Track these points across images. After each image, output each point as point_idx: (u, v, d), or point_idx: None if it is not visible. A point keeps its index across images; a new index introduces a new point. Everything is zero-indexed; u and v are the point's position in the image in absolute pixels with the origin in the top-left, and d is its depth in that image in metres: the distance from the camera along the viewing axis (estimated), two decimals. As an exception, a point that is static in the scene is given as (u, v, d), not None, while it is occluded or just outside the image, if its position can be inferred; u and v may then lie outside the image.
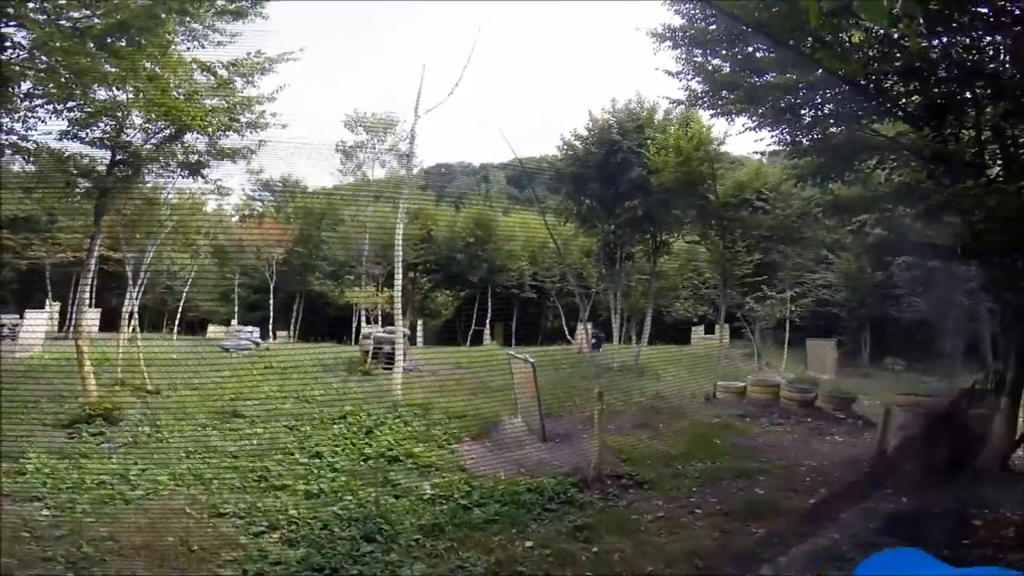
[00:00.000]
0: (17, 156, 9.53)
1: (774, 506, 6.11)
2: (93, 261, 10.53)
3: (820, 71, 7.76)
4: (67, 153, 9.51)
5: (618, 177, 15.02)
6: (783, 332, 17.12)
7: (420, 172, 12.73)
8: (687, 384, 13.96)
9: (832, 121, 9.39)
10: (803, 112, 9.26)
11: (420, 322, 19.50)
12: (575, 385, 12.35)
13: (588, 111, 16.17)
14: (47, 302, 17.64)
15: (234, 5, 9.06)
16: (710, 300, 20.36)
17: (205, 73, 10.00)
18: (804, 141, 10.00)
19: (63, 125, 9.05)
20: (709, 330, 20.55)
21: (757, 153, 12.03)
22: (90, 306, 18.95)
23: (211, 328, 20.17)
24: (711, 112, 10.98)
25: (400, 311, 11.22)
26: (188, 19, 8.51)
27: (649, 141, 14.49)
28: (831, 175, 10.72)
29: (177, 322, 18.22)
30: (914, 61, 7.11)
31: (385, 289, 16.97)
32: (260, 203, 24.68)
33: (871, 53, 7.44)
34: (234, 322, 18.49)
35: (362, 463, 7.61)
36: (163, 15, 7.71)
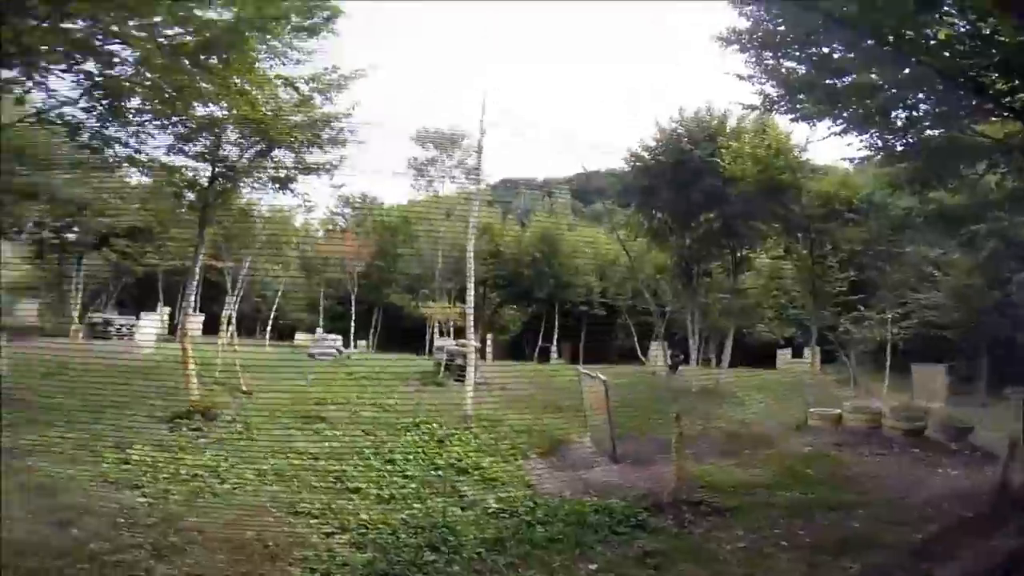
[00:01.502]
0: (133, 169, 10.30)
1: (873, 540, 5.52)
2: (198, 269, 11.28)
3: (909, 70, 7.10)
4: (175, 166, 10.30)
5: (691, 189, 14.44)
6: (883, 356, 15.53)
7: (487, 187, 12.91)
8: (774, 410, 13.05)
9: (928, 123, 8.56)
10: (895, 114, 8.45)
11: (489, 337, 19.76)
12: (649, 407, 11.92)
13: (655, 121, 15.71)
14: (159, 306, 19.49)
15: (308, 22, 9.21)
16: (798, 321, 19.01)
17: (289, 89, 10.47)
18: (898, 146, 9.19)
19: (169, 140, 9.87)
20: (797, 353, 19.21)
21: (845, 159, 11.09)
22: (194, 311, 20.97)
23: (298, 335, 21.56)
24: (790, 117, 10.22)
25: (472, 325, 11.35)
26: (268, 36, 8.73)
27: (723, 150, 13.79)
28: (931, 182, 9.82)
29: (269, 328, 19.51)
30: (1013, 55, 6.33)
31: (457, 303, 17.37)
32: (342, 218, 26.34)
33: (962, 48, 6.72)
34: (319, 330, 19.58)
35: (432, 472, 7.74)
36: (246, 32, 7.95)
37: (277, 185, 11.53)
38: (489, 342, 19.22)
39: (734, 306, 15.98)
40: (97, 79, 7.87)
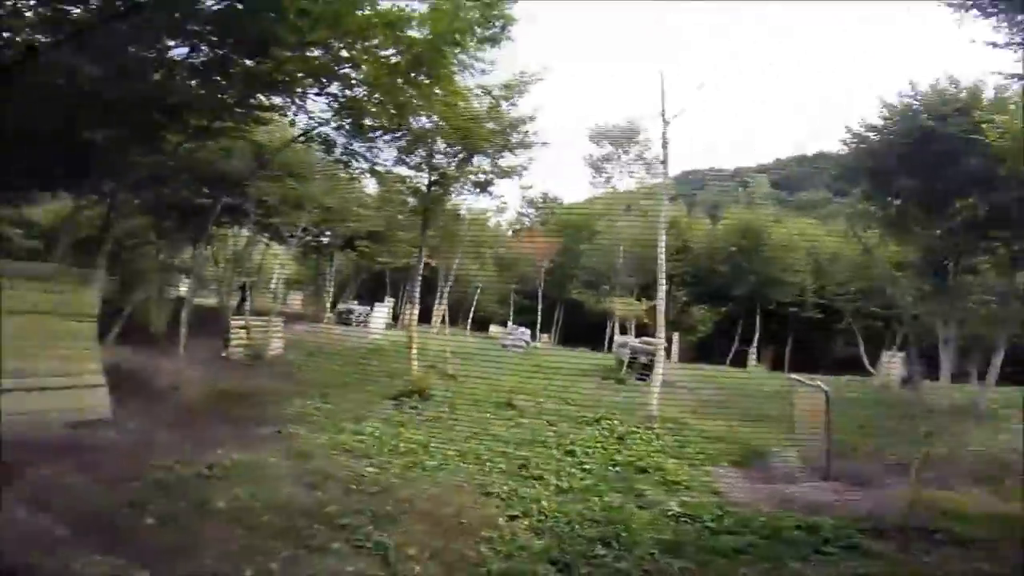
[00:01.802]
0: (369, 179, 12.14)
1: None
2: (420, 266, 12.70)
3: None
4: (403, 175, 11.91)
5: (942, 170, 11.84)
6: None
7: (667, 184, 12.26)
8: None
9: None
10: None
11: (675, 336, 18.85)
12: (876, 423, 10.17)
13: (879, 98, 13.30)
14: (385, 298, 22.84)
15: (489, 32, 9.52)
16: None
17: (482, 98, 11.24)
18: None
19: (394, 152, 11.39)
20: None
21: None
22: (413, 302, 24.29)
23: (492, 327, 23.43)
24: None
25: (661, 323, 10.94)
26: (458, 50, 9.26)
27: (984, 125, 10.88)
28: None
29: (470, 320, 21.52)
30: None
31: (642, 299, 16.98)
32: (527, 218, 27.79)
33: None
34: (509, 323, 20.98)
35: (610, 468, 7.66)
36: (444, 47, 8.58)
37: (478, 189, 12.77)
38: (675, 342, 18.37)
39: (1007, 312, 12.47)
40: (341, 100, 9.28)
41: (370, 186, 20.29)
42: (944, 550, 5.25)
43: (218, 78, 8.38)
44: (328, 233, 20.39)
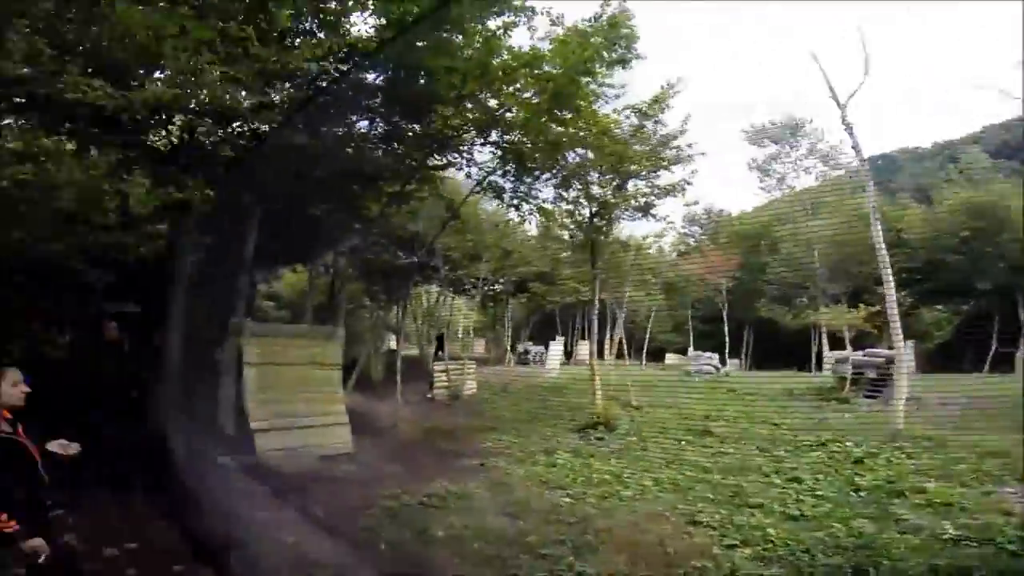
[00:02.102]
0: (534, 221, 12.43)
1: None
2: (596, 299, 12.47)
3: None
4: (570, 211, 11.92)
5: None
6: None
7: (863, 169, 10.47)
8: None
9: None
10: None
11: (910, 344, 15.64)
12: None
13: None
14: (557, 337, 23.29)
15: (616, 55, 9.36)
16: None
17: (628, 119, 10.97)
18: None
19: (551, 191, 11.58)
20: None
21: None
22: (582, 339, 24.47)
23: (668, 356, 22.24)
24: None
25: (896, 329, 9.19)
26: (589, 80, 9.22)
27: None
28: None
29: (644, 351, 20.75)
30: None
31: (860, 307, 14.54)
32: (691, 238, 26.00)
33: None
34: (690, 349, 19.70)
35: (852, 493, 6.60)
36: (577, 77, 8.62)
37: (639, 213, 12.28)
38: (910, 350, 15.20)
39: None
40: (503, 146, 9.82)
41: (532, 229, 21.37)
42: None
43: (395, 145, 9.43)
44: (502, 280, 21.71)
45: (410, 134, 9.35)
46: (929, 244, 17.28)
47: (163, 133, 6.90)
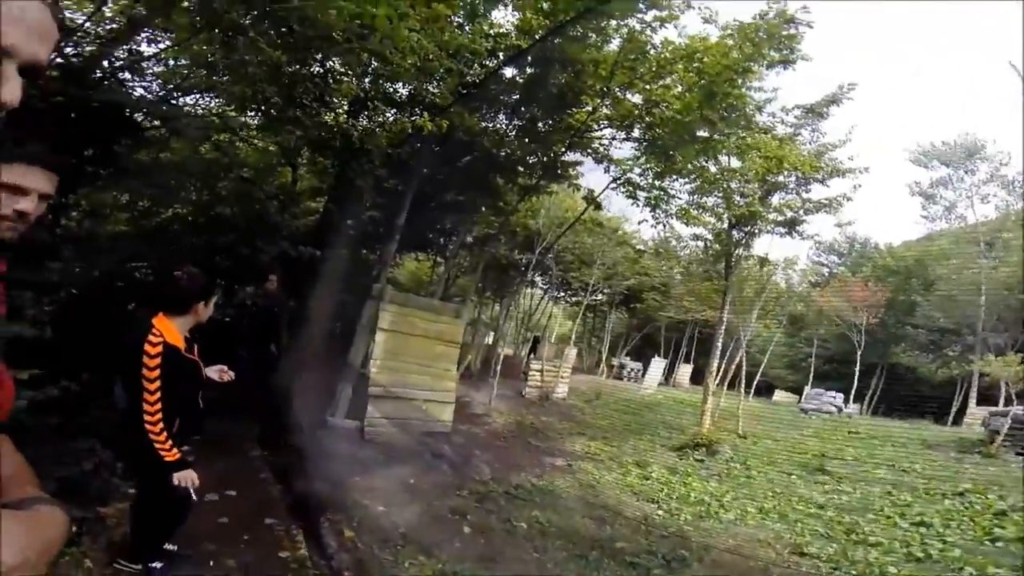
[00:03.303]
0: (672, 220, 11.23)
1: None
2: (725, 316, 11.41)
3: None
4: (708, 220, 11.06)
5: None
6: None
7: None
8: None
9: None
10: None
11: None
12: None
13: None
14: (657, 355, 22.56)
15: (780, 54, 8.56)
16: None
17: (801, 118, 10.15)
18: None
19: (686, 196, 10.74)
20: None
21: None
22: (685, 362, 23.37)
23: (777, 393, 20.52)
24: None
25: None
26: (749, 77, 8.40)
27: None
28: None
29: (755, 384, 19.36)
30: None
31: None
32: (827, 267, 23.10)
33: None
34: (807, 388, 18.07)
35: (987, 543, 5.83)
36: (735, 76, 7.86)
37: (784, 229, 11.09)
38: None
39: None
40: (644, 142, 9.29)
41: (649, 238, 20.58)
42: None
43: (529, 139, 9.28)
44: (607, 290, 21.34)
45: (548, 128, 9.16)
46: None
47: (331, 116, 7.21)
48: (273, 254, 6.89)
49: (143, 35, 5.03)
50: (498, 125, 9.30)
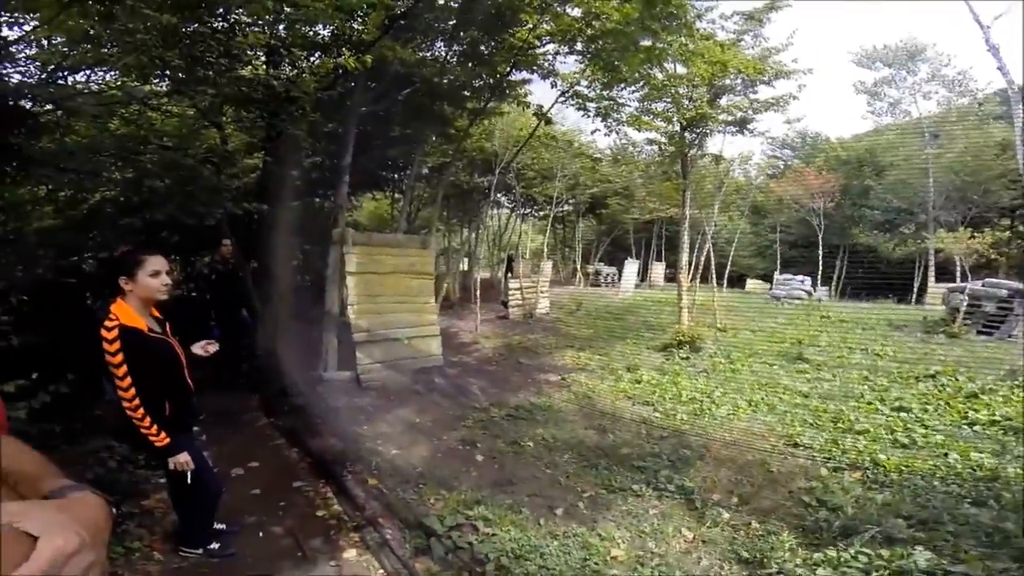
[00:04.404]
0: (623, 128, 11.46)
1: None
2: (687, 213, 11.89)
3: None
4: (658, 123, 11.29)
5: None
6: None
7: (990, 96, 9.05)
8: None
9: None
10: None
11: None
12: None
13: None
14: (629, 257, 23.00)
15: None
16: None
17: (742, 24, 10.35)
18: None
19: (636, 104, 10.89)
20: None
21: None
22: (657, 260, 23.88)
23: (749, 282, 21.40)
24: None
25: None
26: None
27: None
28: None
29: (726, 275, 20.11)
30: None
31: (985, 232, 13.21)
32: (782, 160, 24.46)
33: None
34: (776, 274, 18.86)
35: (964, 426, 6.27)
36: None
37: (735, 128, 11.53)
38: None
39: None
40: (588, 55, 9.23)
41: (605, 146, 20.67)
42: None
43: (473, 63, 9.07)
44: (572, 201, 21.29)
45: (489, 49, 8.97)
46: None
47: (248, 69, 6.76)
48: (218, 217, 6.46)
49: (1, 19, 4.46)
50: (437, 52, 9.07)
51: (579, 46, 9.14)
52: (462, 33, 8.61)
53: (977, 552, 3.46)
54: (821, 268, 18.72)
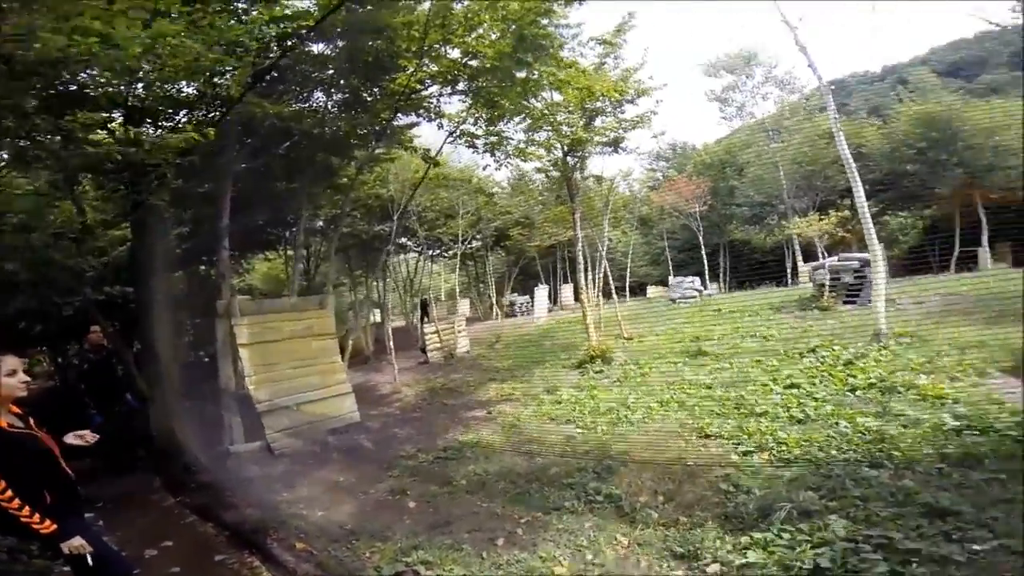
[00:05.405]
0: (511, 160, 11.77)
1: None
2: (579, 234, 12.41)
3: None
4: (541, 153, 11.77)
5: None
6: None
7: (825, 87, 10.56)
8: None
9: None
10: None
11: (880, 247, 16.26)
12: None
13: None
14: (539, 284, 23.60)
15: None
16: None
17: (601, 49, 11.07)
18: None
19: (522, 135, 11.24)
20: None
21: None
22: (565, 283, 24.74)
23: (650, 289, 22.79)
24: None
25: (870, 229, 9.41)
26: (548, 18, 8.70)
27: None
28: None
29: (627, 288, 21.27)
30: None
31: (831, 214, 15.10)
32: (659, 172, 26.74)
33: None
34: (671, 278, 20.27)
35: (848, 393, 6.94)
36: (538, 17, 8.20)
37: (610, 148, 12.24)
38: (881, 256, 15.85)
39: None
40: (473, 92, 9.47)
41: (503, 178, 21.28)
42: None
43: (357, 110, 9.12)
44: (479, 236, 21.64)
45: (372, 96, 9.04)
46: (888, 156, 17.99)
47: (103, 134, 6.31)
48: (76, 306, 5.89)
49: None
50: (316, 104, 9.03)
51: (461, 85, 9.44)
52: (342, 81, 8.66)
53: (888, 512, 3.81)
54: (708, 266, 20.42)
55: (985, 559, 3.16)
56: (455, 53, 8.74)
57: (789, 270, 18.95)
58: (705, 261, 20.59)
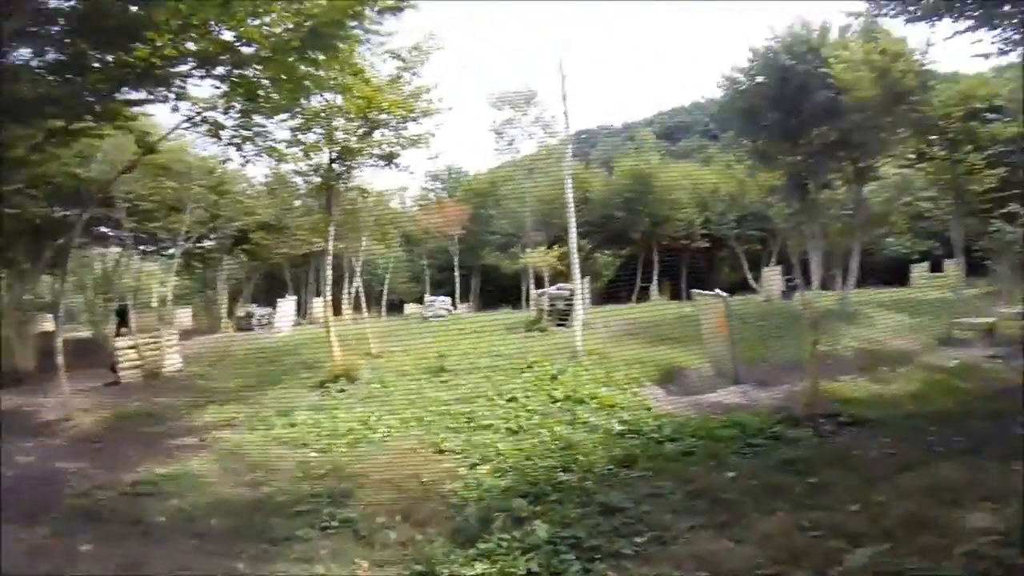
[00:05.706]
0: (261, 165, 11.04)
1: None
2: (331, 248, 11.88)
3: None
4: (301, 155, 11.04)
5: (800, 103, 13.48)
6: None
7: (568, 137, 12.69)
8: (911, 326, 12.00)
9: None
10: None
11: (585, 282, 19.93)
12: (766, 333, 11.49)
13: (748, 45, 14.83)
14: (286, 296, 21.64)
15: (392, 2, 8.99)
16: (935, 233, 17.35)
17: (392, 63, 10.90)
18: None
19: (288, 133, 10.49)
20: (936, 268, 17.27)
21: (979, 56, 9.52)
22: (317, 295, 23.20)
23: (407, 307, 23.13)
24: (904, 19, 9.85)
25: (576, 266, 11.32)
26: (358, 22, 8.65)
27: (832, 59, 12.81)
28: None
29: (384, 304, 21.11)
30: None
31: (555, 249, 17.69)
32: (432, 192, 27.77)
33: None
34: (427, 296, 20.88)
35: (552, 404, 8.07)
36: (344, 20, 8.02)
37: (383, 162, 12.03)
38: (586, 286, 19.38)
39: (857, 220, 14.57)
40: (233, 79, 8.57)
41: (258, 175, 19.07)
42: (849, 430, 6.19)
43: (72, 75, 7.61)
44: (213, 236, 18.79)
45: (100, 64, 7.65)
46: (604, 202, 22.42)
47: None
48: None
49: None
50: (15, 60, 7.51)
51: (220, 70, 8.46)
52: (67, 41, 7.30)
53: (576, 513, 4.44)
54: (461, 287, 21.87)
55: (645, 551, 3.89)
56: (229, 35, 7.88)
57: (524, 295, 21.58)
58: (458, 282, 21.91)
